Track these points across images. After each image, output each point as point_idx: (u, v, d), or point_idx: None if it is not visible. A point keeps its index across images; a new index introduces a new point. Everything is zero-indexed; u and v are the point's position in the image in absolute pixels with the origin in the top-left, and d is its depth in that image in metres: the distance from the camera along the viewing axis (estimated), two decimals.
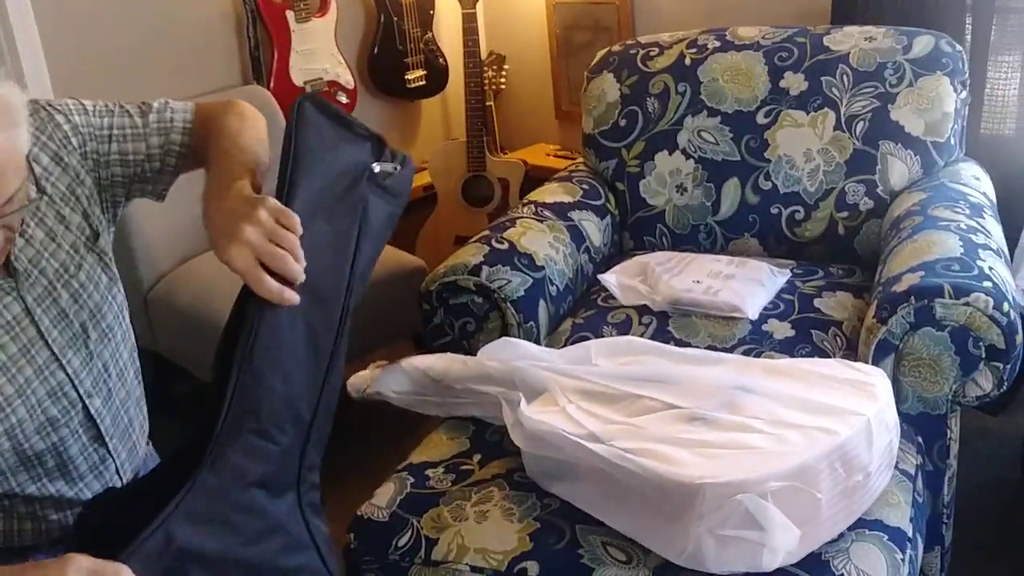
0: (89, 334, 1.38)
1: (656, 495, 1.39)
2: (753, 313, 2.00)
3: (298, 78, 3.10)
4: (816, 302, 2.05)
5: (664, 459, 1.40)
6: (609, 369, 1.70)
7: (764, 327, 1.97)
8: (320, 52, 3.15)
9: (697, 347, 1.91)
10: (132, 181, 1.45)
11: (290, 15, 3.04)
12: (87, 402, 1.38)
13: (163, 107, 1.46)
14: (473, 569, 1.49)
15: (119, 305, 1.46)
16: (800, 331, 1.95)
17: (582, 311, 2.16)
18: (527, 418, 1.58)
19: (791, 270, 2.19)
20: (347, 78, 3.24)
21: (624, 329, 2.04)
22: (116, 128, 1.42)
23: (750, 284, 2.07)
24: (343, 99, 3.23)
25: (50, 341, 1.33)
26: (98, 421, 1.40)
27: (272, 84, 3.05)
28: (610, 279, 2.18)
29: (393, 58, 3.43)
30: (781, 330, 1.96)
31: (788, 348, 1.90)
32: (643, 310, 2.08)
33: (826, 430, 1.42)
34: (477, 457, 1.71)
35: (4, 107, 1.15)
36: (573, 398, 1.62)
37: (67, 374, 1.35)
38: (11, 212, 1.17)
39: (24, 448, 1.32)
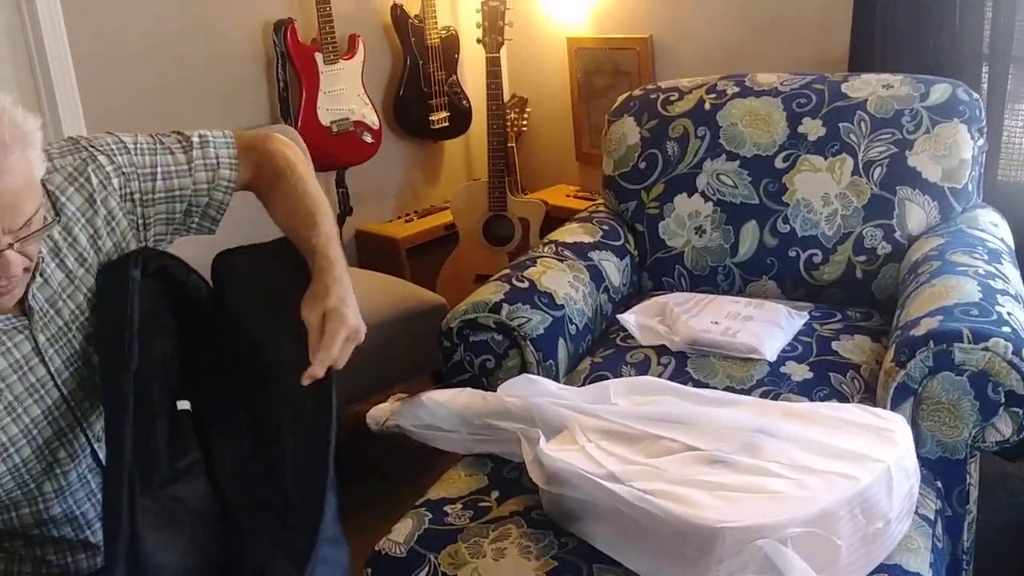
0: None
1: (675, 537, 1.36)
2: (771, 355, 1.96)
3: (325, 118, 3.10)
4: (834, 345, 2.01)
5: (683, 501, 1.37)
6: (628, 409, 1.67)
7: (782, 369, 1.94)
8: (347, 93, 3.15)
9: (715, 388, 1.87)
10: (179, 216, 1.43)
11: (319, 57, 3.05)
12: (95, 447, 1.34)
13: (204, 141, 1.44)
14: None
15: None
16: (818, 373, 1.92)
17: (601, 350, 2.12)
18: (546, 456, 1.55)
19: (809, 312, 2.16)
20: (372, 119, 3.24)
21: (643, 369, 2.00)
22: (161, 166, 1.40)
23: (768, 326, 2.03)
24: (368, 139, 3.23)
25: (60, 383, 1.29)
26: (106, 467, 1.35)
27: (300, 124, 3.05)
28: (629, 319, 2.15)
29: (418, 99, 3.43)
30: (799, 372, 1.92)
31: (806, 390, 1.86)
32: (662, 350, 2.05)
33: (846, 476, 1.39)
34: (495, 494, 1.68)
35: (18, 130, 1.12)
36: (592, 437, 1.59)
37: (76, 416, 1.31)
38: (28, 235, 1.15)
39: (30, 488, 1.28)
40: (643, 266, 2.47)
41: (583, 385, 1.91)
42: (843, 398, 1.84)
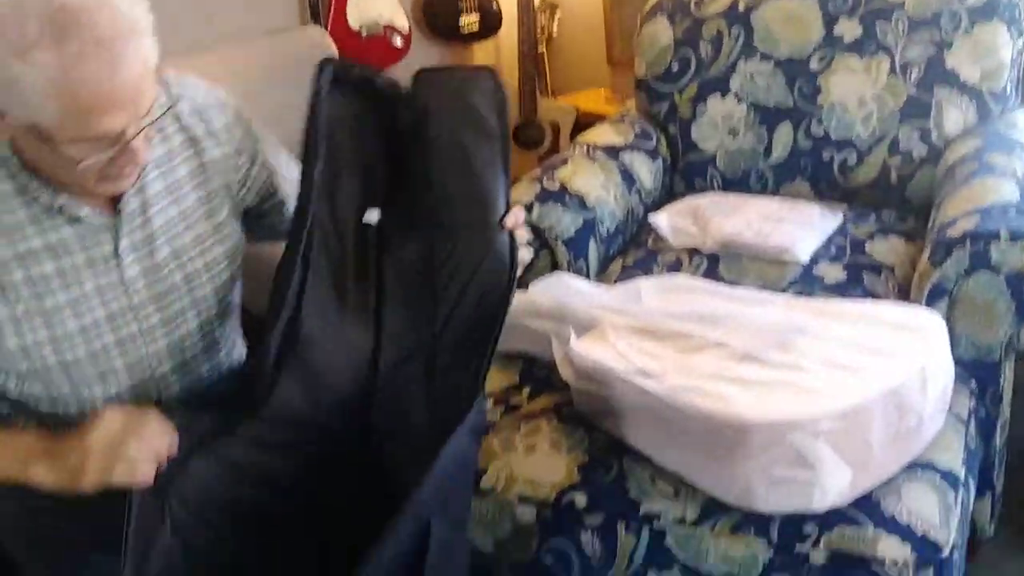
0: (175, 295, 1.31)
1: (706, 433, 1.34)
2: (804, 256, 1.92)
3: (355, 22, 3.02)
4: (868, 246, 1.96)
5: (714, 397, 1.34)
6: (659, 307, 1.64)
7: (815, 270, 1.89)
8: None
9: None
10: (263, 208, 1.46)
11: None
12: (152, 365, 1.31)
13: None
14: (521, 499, 1.45)
15: (223, 282, 1.38)
16: (851, 275, 1.87)
17: (632, 252, 2.09)
18: (576, 354, 1.53)
19: (843, 214, 2.10)
20: (402, 22, 3.16)
21: (674, 270, 1.97)
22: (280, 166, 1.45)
23: (801, 227, 1.98)
24: (398, 42, 3.16)
25: (130, 291, 1.26)
26: (161, 389, 1.33)
27: (329, 27, 2.98)
28: (661, 220, 2.11)
29: (448, 2, 3.34)
30: (832, 273, 1.88)
31: (839, 292, 1.82)
32: (693, 252, 2.01)
33: (880, 372, 1.36)
34: (526, 391, 1.67)
35: (126, 19, 1.09)
36: (623, 335, 1.56)
37: (139, 329, 1.28)
38: (148, 122, 1.14)
39: (79, 389, 1.26)
40: (675, 168, 2.42)
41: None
42: (877, 299, 1.80)
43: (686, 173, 2.40)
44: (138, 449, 1.12)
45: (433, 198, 1.38)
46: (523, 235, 1.38)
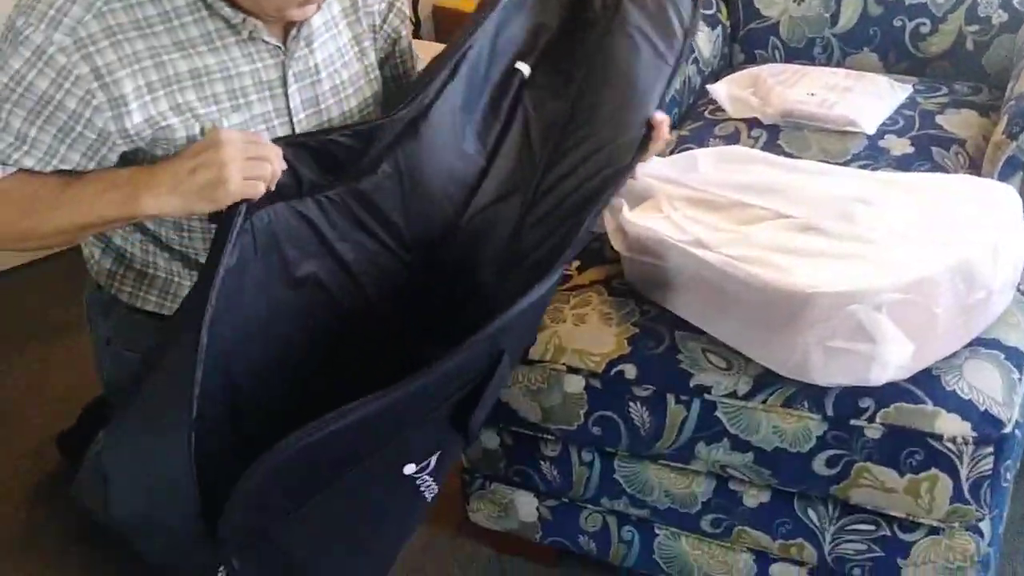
0: None
1: (763, 304, 1.29)
2: (870, 128, 1.82)
3: None
4: (938, 119, 1.86)
5: (773, 267, 1.29)
6: (717, 177, 1.56)
7: (880, 143, 1.80)
8: None
9: None
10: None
11: None
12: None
13: None
14: (570, 369, 1.43)
15: None
16: (919, 148, 1.78)
17: (688, 123, 2.01)
18: (629, 223, 1.47)
19: (913, 86, 1.99)
20: None
21: (732, 142, 1.89)
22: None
23: (868, 98, 1.89)
24: None
25: (295, 120, 1.28)
26: None
27: None
28: (719, 90, 2.02)
29: None
30: (899, 146, 1.79)
31: (906, 165, 1.74)
32: (753, 123, 1.92)
33: (949, 244, 1.29)
34: (576, 263, 1.62)
35: None
36: (679, 205, 1.50)
37: None
38: None
39: None
40: (735, 37, 2.30)
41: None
42: (946, 173, 1.72)
43: (747, 42, 2.29)
44: (262, 163, 1.12)
45: (593, 75, 1.43)
46: (661, 145, 1.41)
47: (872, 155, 1.78)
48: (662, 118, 1.41)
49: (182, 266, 1.34)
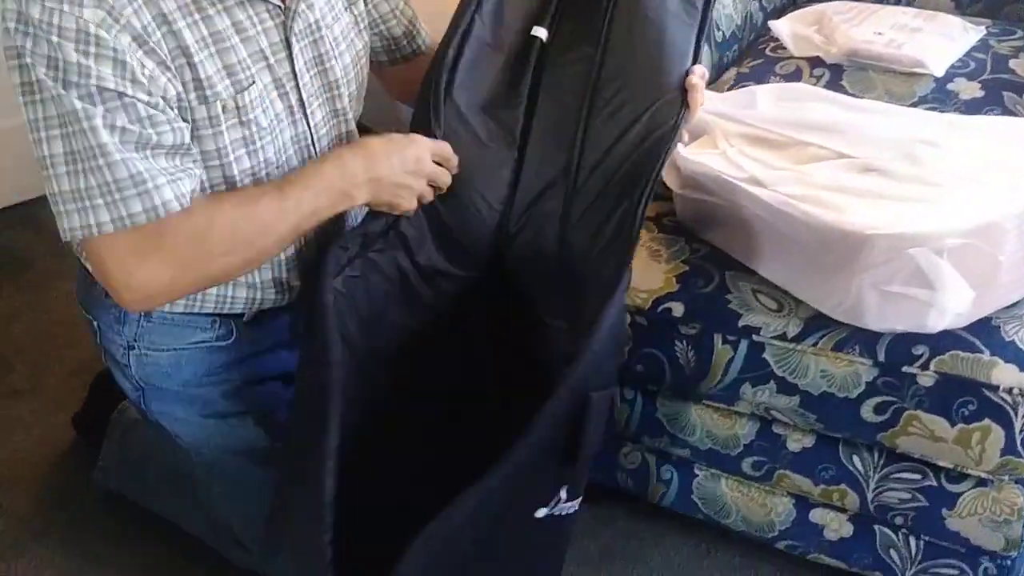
0: (337, 91, 1.27)
1: (818, 244, 1.25)
2: (939, 70, 1.75)
3: None
4: (1012, 63, 1.78)
5: (831, 207, 1.25)
6: (776, 114, 1.51)
7: (949, 86, 1.73)
8: None
9: None
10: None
11: None
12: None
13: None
14: None
15: (361, 81, 1.34)
16: (990, 92, 1.70)
17: (748, 60, 1.94)
18: (683, 159, 1.43)
19: (986, 28, 1.91)
20: None
21: (793, 80, 1.82)
22: None
23: (938, 39, 1.80)
24: None
25: (301, 84, 1.21)
26: None
27: None
28: (782, 27, 1.94)
29: None
30: (968, 90, 1.71)
31: (975, 109, 1.66)
32: (815, 62, 1.85)
33: (1017, 190, 1.23)
34: None
35: None
36: (735, 142, 1.45)
37: (308, 126, 1.24)
38: None
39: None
40: None
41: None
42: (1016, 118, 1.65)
43: None
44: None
45: (619, 30, 1.33)
46: (700, 98, 1.31)
47: (940, 98, 1.70)
48: (701, 73, 1.31)
49: None
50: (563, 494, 1.09)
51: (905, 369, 1.23)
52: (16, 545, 1.62)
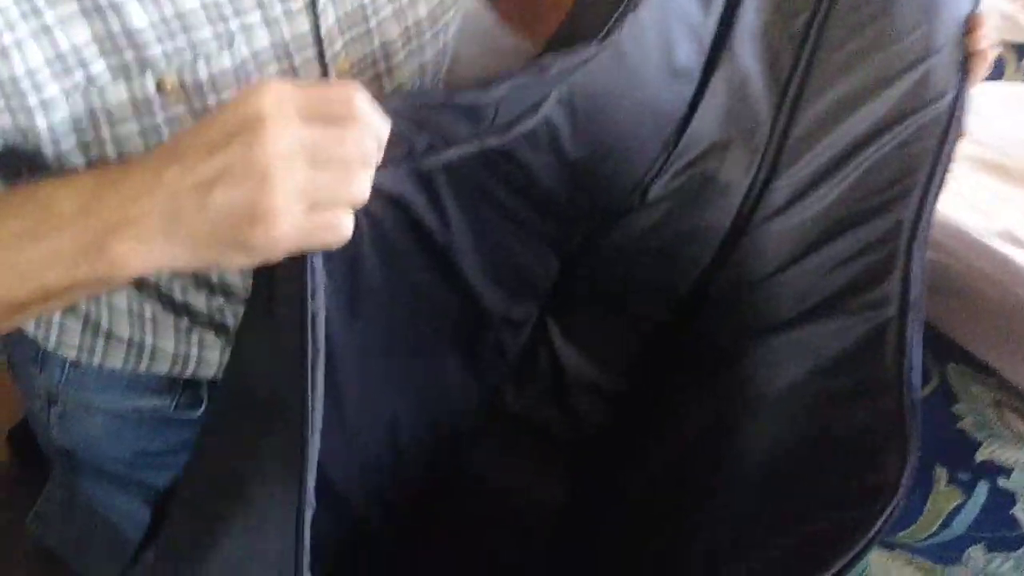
0: (387, 66, 0.79)
1: None
2: None
3: None
4: None
5: None
6: (1013, 130, 1.06)
7: None
8: None
9: None
10: None
11: None
12: None
13: None
14: None
15: (443, 45, 0.84)
16: None
17: None
18: None
19: None
20: None
21: (993, 74, 1.36)
22: None
23: None
24: None
25: (327, 55, 0.73)
26: None
27: None
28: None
29: None
30: None
31: None
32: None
33: None
34: None
35: None
36: (963, 170, 1.00)
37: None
38: None
39: None
40: None
41: None
42: None
43: None
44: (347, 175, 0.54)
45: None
46: (985, 64, 0.85)
47: None
48: (990, 26, 0.83)
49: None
50: None
51: None
52: None
